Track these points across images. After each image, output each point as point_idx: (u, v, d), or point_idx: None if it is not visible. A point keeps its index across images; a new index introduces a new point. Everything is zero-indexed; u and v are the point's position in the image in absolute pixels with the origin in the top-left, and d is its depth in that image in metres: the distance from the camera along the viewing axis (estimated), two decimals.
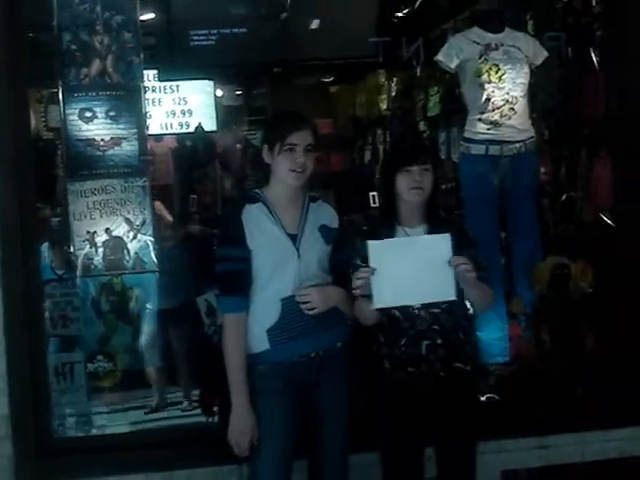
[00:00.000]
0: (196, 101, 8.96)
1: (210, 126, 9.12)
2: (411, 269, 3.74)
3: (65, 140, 5.22)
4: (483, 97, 5.48)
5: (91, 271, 5.28)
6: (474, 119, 5.54)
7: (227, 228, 4.03)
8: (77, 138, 5.17)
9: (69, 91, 5.17)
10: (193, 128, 8.98)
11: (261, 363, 3.91)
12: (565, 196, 6.87)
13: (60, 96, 5.19)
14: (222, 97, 10.17)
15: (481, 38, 5.54)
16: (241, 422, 3.86)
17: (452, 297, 3.76)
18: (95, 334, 5.72)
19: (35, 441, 4.64)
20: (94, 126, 5.17)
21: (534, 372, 5.45)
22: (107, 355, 5.70)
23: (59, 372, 5.36)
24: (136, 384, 6.57)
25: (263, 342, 3.91)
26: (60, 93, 5.19)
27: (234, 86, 10.71)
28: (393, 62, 7.38)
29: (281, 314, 3.89)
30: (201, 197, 8.62)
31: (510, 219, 5.67)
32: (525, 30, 6.51)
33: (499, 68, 5.47)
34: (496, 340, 5.53)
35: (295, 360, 3.91)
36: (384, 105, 9.85)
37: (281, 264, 3.90)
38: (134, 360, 6.22)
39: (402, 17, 8.12)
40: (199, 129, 8.98)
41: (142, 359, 6.38)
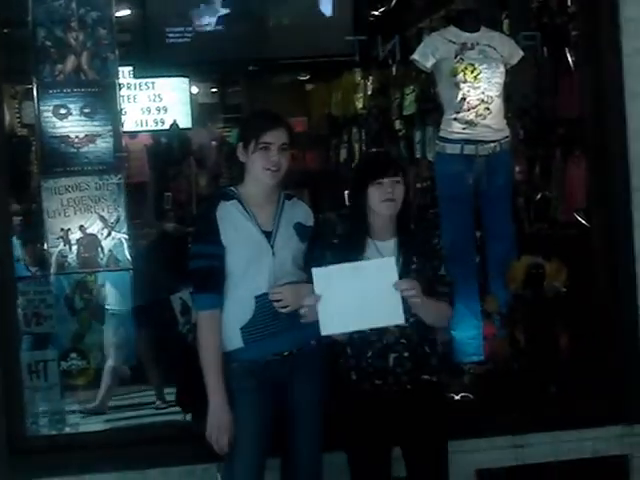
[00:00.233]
0: (171, 98, 8.97)
1: (185, 123, 9.14)
2: (358, 295, 3.70)
3: (39, 137, 5.21)
4: (459, 96, 5.48)
5: (65, 268, 5.26)
6: (449, 118, 5.55)
7: (201, 225, 4.01)
8: (51, 135, 5.16)
9: (44, 87, 5.16)
10: (168, 125, 8.99)
11: (235, 361, 3.90)
12: (540, 195, 6.92)
13: (35, 92, 5.19)
14: (197, 94, 10.18)
15: (457, 37, 5.55)
16: (219, 419, 3.85)
17: (400, 321, 3.73)
18: (69, 332, 5.71)
19: (8, 439, 4.60)
20: (69, 123, 5.16)
21: (508, 371, 5.46)
22: (80, 353, 5.69)
23: (32, 370, 5.32)
24: None
25: (237, 340, 3.89)
26: (35, 89, 5.18)
27: (209, 84, 10.73)
28: (369, 61, 7.39)
29: (255, 312, 3.88)
30: (176, 194, 8.61)
31: (485, 218, 5.68)
32: (500, 30, 6.55)
33: (475, 68, 5.48)
34: (471, 339, 5.55)
35: (269, 359, 3.90)
36: (360, 104, 9.87)
37: (255, 261, 3.89)
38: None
39: (378, 16, 8.13)
40: (174, 126, 8.98)
41: (115, 357, 6.36)
